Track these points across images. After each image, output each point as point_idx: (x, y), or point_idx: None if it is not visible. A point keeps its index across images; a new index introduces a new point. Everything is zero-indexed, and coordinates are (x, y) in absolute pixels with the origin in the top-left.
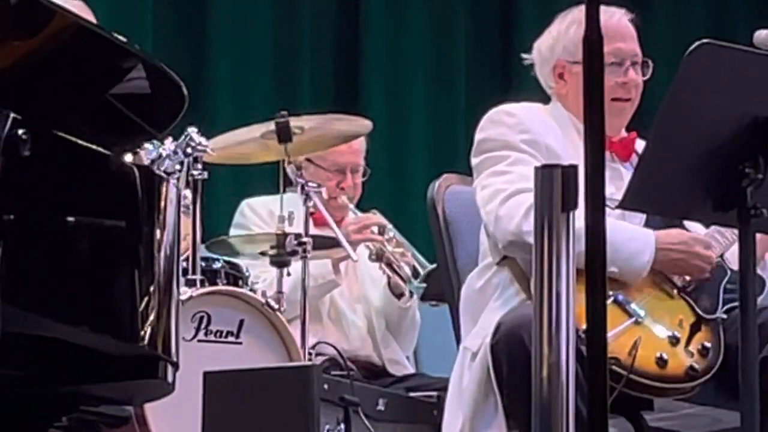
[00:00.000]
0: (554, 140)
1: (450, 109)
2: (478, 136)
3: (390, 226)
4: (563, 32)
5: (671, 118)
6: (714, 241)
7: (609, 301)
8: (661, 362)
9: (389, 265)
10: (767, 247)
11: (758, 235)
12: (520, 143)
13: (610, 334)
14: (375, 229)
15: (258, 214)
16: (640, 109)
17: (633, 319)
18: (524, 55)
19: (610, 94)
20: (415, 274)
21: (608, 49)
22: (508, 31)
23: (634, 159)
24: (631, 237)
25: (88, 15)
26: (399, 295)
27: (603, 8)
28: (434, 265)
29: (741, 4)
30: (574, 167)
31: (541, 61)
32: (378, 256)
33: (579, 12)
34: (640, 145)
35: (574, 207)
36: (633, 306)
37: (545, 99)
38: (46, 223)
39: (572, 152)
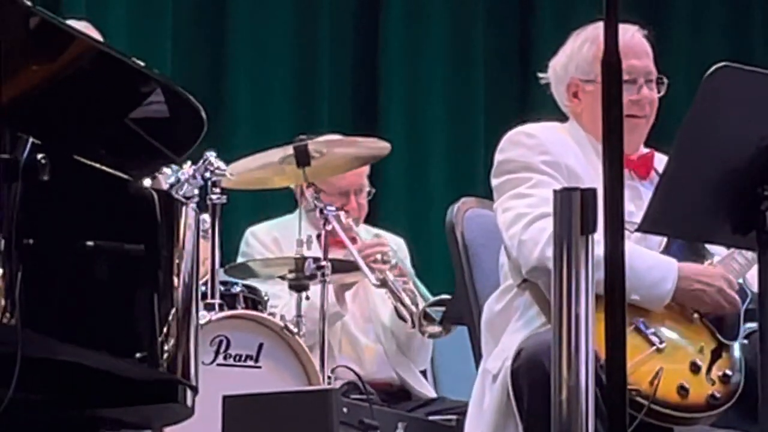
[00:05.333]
0: (574, 161)
1: (469, 131)
2: (498, 157)
3: (392, 253)
4: (576, 51)
5: (690, 141)
6: (735, 263)
7: (630, 329)
8: (683, 391)
9: (392, 292)
10: None
11: None
12: (541, 164)
13: (630, 363)
14: (378, 256)
15: (261, 242)
16: (657, 127)
17: (654, 348)
18: (540, 74)
19: (624, 111)
20: (414, 303)
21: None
22: (526, 52)
23: (653, 176)
24: (653, 265)
25: (93, 34)
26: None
27: None
28: (441, 297)
29: (759, 22)
30: (593, 190)
31: (556, 80)
32: (382, 283)
33: (593, 30)
34: (658, 160)
35: (594, 230)
36: (654, 334)
37: (564, 119)
38: (65, 247)
39: (592, 172)
